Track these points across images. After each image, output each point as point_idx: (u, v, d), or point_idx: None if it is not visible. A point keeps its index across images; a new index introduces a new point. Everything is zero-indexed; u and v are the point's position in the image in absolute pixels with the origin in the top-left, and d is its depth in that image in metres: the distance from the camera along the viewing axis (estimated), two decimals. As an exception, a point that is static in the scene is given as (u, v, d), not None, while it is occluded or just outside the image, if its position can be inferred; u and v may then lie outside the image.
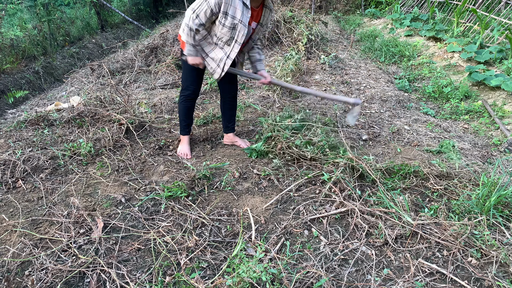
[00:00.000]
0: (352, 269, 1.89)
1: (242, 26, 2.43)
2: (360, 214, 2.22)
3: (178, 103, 2.89)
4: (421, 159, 2.95)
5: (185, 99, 2.83)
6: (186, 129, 2.96)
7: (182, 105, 2.87)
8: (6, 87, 4.63)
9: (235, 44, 2.51)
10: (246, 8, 2.40)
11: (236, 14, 2.38)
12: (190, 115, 2.93)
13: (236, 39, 2.49)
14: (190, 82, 2.76)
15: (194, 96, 2.84)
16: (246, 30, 2.46)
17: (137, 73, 5.11)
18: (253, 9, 2.51)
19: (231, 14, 2.37)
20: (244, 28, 2.44)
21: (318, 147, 2.83)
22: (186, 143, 2.99)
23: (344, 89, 4.69)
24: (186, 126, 2.95)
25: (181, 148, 2.98)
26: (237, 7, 2.36)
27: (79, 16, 7.83)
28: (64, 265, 1.84)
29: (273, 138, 2.97)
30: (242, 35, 2.47)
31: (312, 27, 6.36)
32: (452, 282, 1.82)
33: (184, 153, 2.95)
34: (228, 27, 2.41)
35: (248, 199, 2.44)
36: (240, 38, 2.48)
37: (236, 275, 1.69)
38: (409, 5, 10.03)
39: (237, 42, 2.50)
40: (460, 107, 4.36)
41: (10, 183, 2.52)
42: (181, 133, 2.99)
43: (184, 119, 2.92)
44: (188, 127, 2.96)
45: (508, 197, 2.30)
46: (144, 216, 2.25)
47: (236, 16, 2.38)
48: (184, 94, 2.82)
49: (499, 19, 6.42)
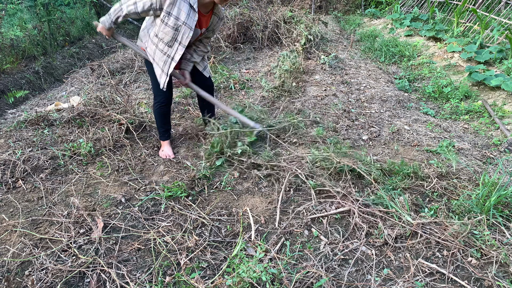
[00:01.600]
0: (352, 269, 1.89)
1: (187, 28, 2.39)
2: (360, 214, 2.22)
3: (154, 111, 2.88)
4: (420, 159, 2.95)
5: (159, 106, 2.82)
6: (165, 135, 2.96)
7: (157, 112, 2.86)
8: (6, 87, 4.63)
9: (178, 46, 2.46)
10: (193, 11, 2.36)
11: (181, 15, 2.34)
12: (167, 120, 2.93)
13: (180, 41, 2.44)
14: (164, 90, 2.68)
15: (168, 102, 2.82)
16: (191, 33, 2.41)
17: (137, 73, 5.11)
18: (202, 14, 2.47)
19: (175, 15, 2.33)
20: (188, 31, 2.40)
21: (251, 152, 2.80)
22: (167, 146, 2.99)
23: (344, 89, 4.69)
24: (165, 132, 2.95)
25: (164, 151, 2.97)
26: (182, 9, 2.32)
27: (79, 16, 7.82)
28: (64, 265, 1.84)
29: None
30: (187, 37, 2.42)
31: (312, 27, 6.35)
32: (452, 282, 1.82)
33: (166, 155, 2.94)
34: (171, 27, 2.37)
35: (248, 199, 2.44)
36: (184, 40, 2.44)
37: (236, 275, 1.69)
38: (409, 5, 10.03)
39: (181, 44, 2.45)
40: (460, 107, 4.36)
41: (10, 183, 2.52)
42: (161, 139, 2.99)
43: (161, 125, 2.91)
44: (167, 132, 2.97)
45: (508, 197, 2.30)
46: (144, 216, 2.25)
47: (180, 18, 2.35)
48: (157, 101, 2.80)
49: (499, 19, 6.42)
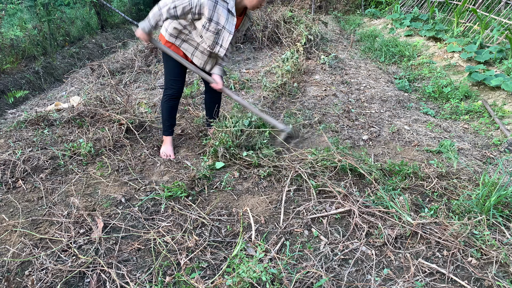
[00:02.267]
0: (352, 269, 1.89)
1: (226, 32, 2.50)
2: (360, 214, 2.22)
3: (161, 103, 2.85)
4: (420, 159, 2.95)
5: (168, 98, 2.79)
6: (169, 130, 2.92)
7: (166, 105, 2.82)
8: (6, 87, 4.63)
9: (220, 49, 2.58)
10: (232, 15, 2.46)
11: (220, 20, 2.44)
12: (174, 115, 2.90)
13: (221, 44, 2.56)
14: (174, 80, 2.73)
15: (178, 95, 2.80)
16: (230, 36, 2.52)
17: (137, 73, 5.11)
18: (236, 17, 2.55)
19: (215, 20, 2.43)
20: (228, 34, 2.51)
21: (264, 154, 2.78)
22: (169, 143, 2.96)
23: (344, 89, 4.69)
24: (169, 127, 2.91)
25: (164, 149, 2.94)
26: (221, 14, 2.42)
27: (79, 16, 7.82)
28: (64, 265, 1.84)
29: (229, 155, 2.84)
30: (227, 40, 2.54)
31: (312, 27, 6.36)
32: (452, 282, 1.82)
33: (167, 154, 2.91)
34: (212, 31, 2.48)
35: (248, 199, 2.44)
36: (225, 43, 2.55)
37: (236, 275, 1.69)
38: (409, 5, 10.03)
39: (222, 47, 2.57)
40: (460, 107, 4.36)
41: (10, 183, 2.52)
42: (164, 134, 2.95)
43: (167, 119, 2.87)
44: (172, 127, 2.93)
45: (508, 197, 2.30)
46: (144, 216, 2.25)
47: (220, 22, 2.45)
48: (167, 93, 2.78)
49: (499, 19, 6.42)
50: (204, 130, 3.31)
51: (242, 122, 2.90)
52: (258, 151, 2.83)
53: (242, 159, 2.78)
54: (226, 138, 2.76)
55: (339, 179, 2.61)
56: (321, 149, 2.85)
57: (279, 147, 2.90)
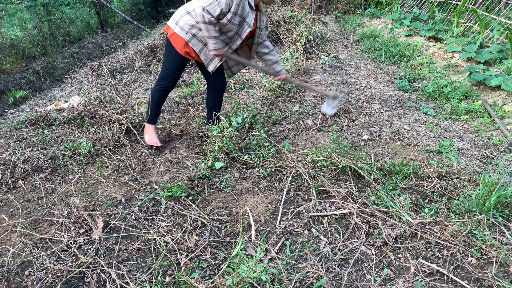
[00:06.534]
0: (352, 269, 1.89)
1: (246, 24, 2.70)
2: (360, 214, 2.22)
3: (153, 91, 2.93)
4: (420, 159, 2.95)
5: (161, 88, 2.89)
6: (154, 118, 3.03)
7: (158, 94, 2.92)
8: (6, 87, 4.63)
9: (238, 38, 2.77)
10: (252, 9, 2.67)
11: (243, 13, 2.65)
12: (161, 105, 3.02)
13: (240, 34, 2.75)
14: (173, 75, 2.85)
15: (170, 87, 2.92)
16: (249, 29, 2.72)
17: (137, 73, 5.11)
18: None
19: (240, 13, 2.63)
20: (246, 27, 2.72)
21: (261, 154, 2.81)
22: (153, 131, 3.04)
23: (344, 89, 4.69)
24: (155, 115, 3.02)
25: (150, 138, 3.01)
26: (245, 8, 2.63)
27: (79, 16, 7.83)
28: (64, 265, 1.84)
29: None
30: (245, 31, 2.73)
31: (312, 27, 6.36)
32: (452, 282, 1.82)
33: (154, 142, 2.99)
34: (236, 24, 2.66)
35: (248, 199, 2.44)
36: (243, 33, 2.74)
37: (236, 275, 1.69)
38: (409, 5, 10.03)
39: (240, 37, 2.77)
40: (460, 107, 4.36)
41: (10, 183, 2.52)
42: (149, 122, 3.03)
43: (155, 107, 2.98)
44: (157, 116, 3.05)
45: (508, 197, 2.30)
46: (144, 216, 2.25)
47: (243, 15, 2.66)
48: (162, 84, 2.87)
49: (499, 19, 6.42)
50: (204, 130, 3.31)
51: (235, 120, 2.97)
52: (258, 150, 2.83)
53: (243, 161, 2.78)
54: (227, 142, 2.79)
55: (339, 179, 2.61)
56: (321, 149, 2.85)
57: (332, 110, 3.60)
